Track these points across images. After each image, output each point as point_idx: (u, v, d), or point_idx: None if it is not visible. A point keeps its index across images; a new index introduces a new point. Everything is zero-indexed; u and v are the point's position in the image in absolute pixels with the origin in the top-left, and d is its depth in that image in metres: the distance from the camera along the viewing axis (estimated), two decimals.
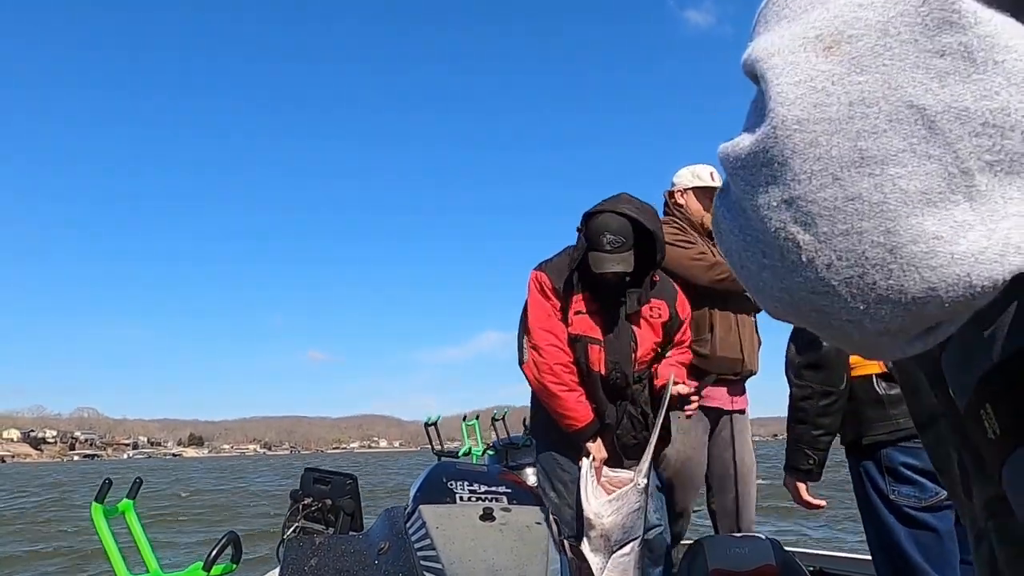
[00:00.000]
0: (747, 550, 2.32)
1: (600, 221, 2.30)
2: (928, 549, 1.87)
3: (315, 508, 2.59)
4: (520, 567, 2.11)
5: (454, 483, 2.46)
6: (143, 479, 2.62)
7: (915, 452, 1.89)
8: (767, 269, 0.42)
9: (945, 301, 0.38)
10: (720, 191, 0.45)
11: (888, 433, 1.91)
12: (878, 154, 0.37)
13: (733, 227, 0.43)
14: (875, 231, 0.38)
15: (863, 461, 1.97)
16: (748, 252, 0.43)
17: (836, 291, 0.39)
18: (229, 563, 2.26)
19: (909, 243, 0.37)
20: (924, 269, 0.37)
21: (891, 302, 0.38)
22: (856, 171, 0.38)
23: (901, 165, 0.37)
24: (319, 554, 2.26)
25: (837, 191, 0.38)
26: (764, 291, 0.43)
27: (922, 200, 0.37)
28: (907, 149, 0.37)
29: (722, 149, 0.43)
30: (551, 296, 2.42)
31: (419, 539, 2.24)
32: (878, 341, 0.41)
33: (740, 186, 0.42)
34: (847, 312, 0.40)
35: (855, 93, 0.38)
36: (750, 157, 0.41)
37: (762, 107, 0.40)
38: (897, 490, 1.90)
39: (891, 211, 0.37)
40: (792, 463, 2.00)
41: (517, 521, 2.25)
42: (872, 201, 0.37)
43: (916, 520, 1.89)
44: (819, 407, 1.92)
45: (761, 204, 0.40)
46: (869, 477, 1.95)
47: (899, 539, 1.89)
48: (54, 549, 10.80)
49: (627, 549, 1.77)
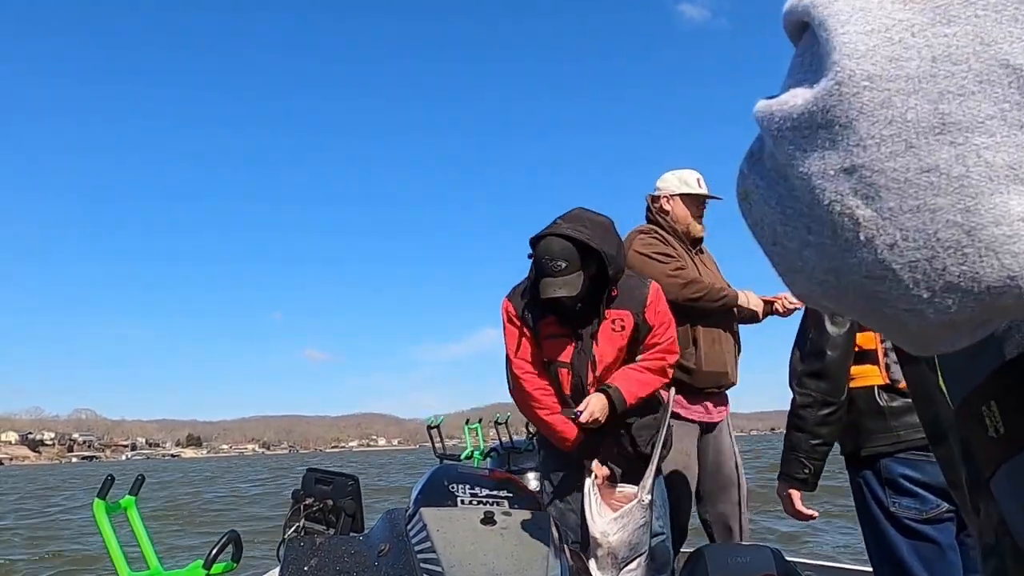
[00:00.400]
0: (748, 559, 2.31)
1: (542, 246, 2.26)
2: (930, 562, 1.85)
3: (316, 508, 2.59)
4: (520, 571, 2.11)
5: (455, 486, 2.46)
6: (144, 476, 2.62)
7: (915, 464, 1.87)
8: (811, 247, 0.36)
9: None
10: (751, 156, 0.40)
11: (888, 445, 1.89)
12: (963, 120, 0.32)
13: (769, 197, 0.38)
14: (952, 208, 0.33)
15: (862, 472, 1.95)
16: (788, 227, 0.37)
17: (897, 275, 0.34)
18: (230, 562, 2.26)
19: (991, 224, 0.32)
20: (1005, 255, 0.32)
21: (961, 290, 0.33)
22: (935, 138, 0.33)
23: (988, 134, 0.32)
24: (319, 554, 2.26)
25: (910, 160, 0.33)
26: (804, 272, 0.38)
27: (1009, 176, 0.32)
28: (997, 116, 0.32)
29: (764, 107, 0.37)
30: (519, 324, 2.43)
31: (419, 542, 2.24)
32: (938, 334, 0.36)
33: (787, 150, 0.36)
34: (907, 300, 0.35)
35: (939, 47, 0.33)
36: (805, 116, 0.35)
37: (820, 58, 0.35)
38: (897, 502, 1.88)
39: (972, 187, 0.32)
40: (787, 471, 1.99)
41: (518, 525, 2.25)
42: (951, 174, 0.33)
43: (917, 532, 1.86)
44: (818, 416, 1.90)
45: (814, 172, 0.35)
46: (869, 488, 1.93)
47: (900, 551, 1.87)
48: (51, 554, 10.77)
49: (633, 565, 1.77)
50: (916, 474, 1.87)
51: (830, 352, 1.88)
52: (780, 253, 0.38)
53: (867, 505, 1.94)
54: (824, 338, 1.89)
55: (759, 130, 0.38)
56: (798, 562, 3.27)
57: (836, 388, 1.90)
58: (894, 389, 1.91)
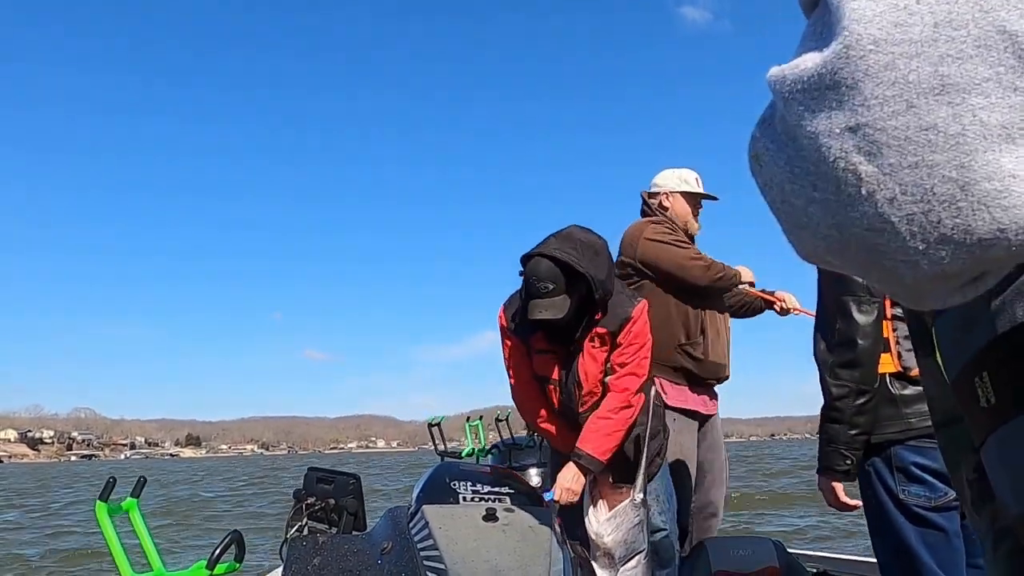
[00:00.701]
0: (750, 551, 2.32)
1: (531, 266, 2.25)
2: (937, 550, 1.86)
3: (318, 508, 2.60)
4: (523, 568, 2.11)
5: (457, 483, 2.47)
6: (146, 478, 2.62)
7: (926, 451, 1.88)
8: (816, 203, 0.39)
9: (1013, 244, 0.36)
10: (763, 122, 0.43)
11: (900, 432, 1.89)
12: (960, 82, 0.35)
13: (778, 158, 0.40)
14: (948, 165, 0.35)
15: (872, 459, 1.96)
16: (795, 185, 0.40)
17: (895, 228, 0.37)
18: (233, 562, 2.26)
19: (983, 180, 0.35)
20: (996, 209, 0.35)
21: (954, 242, 0.36)
22: (934, 99, 0.35)
23: (984, 95, 0.35)
24: (322, 553, 2.26)
25: (911, 119, 0.35)
26: (809, 228, 0.40)
27: (1002, 135, 0.35)
28: (992, 79, 0.35)
29: (776, 72, 0.40)
30: (512, 335, 2.45)
31: (422, 539, 2.24)
32: (930, 286, 0.39)
33: (796, 111, 0.39)
34: (904, 251, 0.37)
35: (941, 13, 0.35)
36: (814, 79, 0.37)
37: (830, 25, 0.37)
38: (907, 489, 1.89)
39: (968, 144, 0.35)
40: (828, 464, 1.97)
41: (520, 522, 2.25)
42: (948, 132, 0.35)
43: (926, 520, 1.87)
44: (855, 406, 1.88)
45: (821, 131, 0.38)
46: (879, 476, 1.94)
47: (908, 539, 1.88)
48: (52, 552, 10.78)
49: (633, 563, 1.79)
50: (927, 461, 1.87)
51: (861, 341, 1.88)
52: (787, 211, 0.41)
53: (875, 492, 1.94)
54: (853, 327, 1.88)
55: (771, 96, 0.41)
56: (799, 554, 3.28)
57: (870, 376, 1.89)
58: (906, 377, 1.91)
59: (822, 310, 2.00)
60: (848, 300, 1.88)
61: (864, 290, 1.87)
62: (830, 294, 1.94)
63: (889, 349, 1.93)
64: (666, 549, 2.39)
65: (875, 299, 1.87)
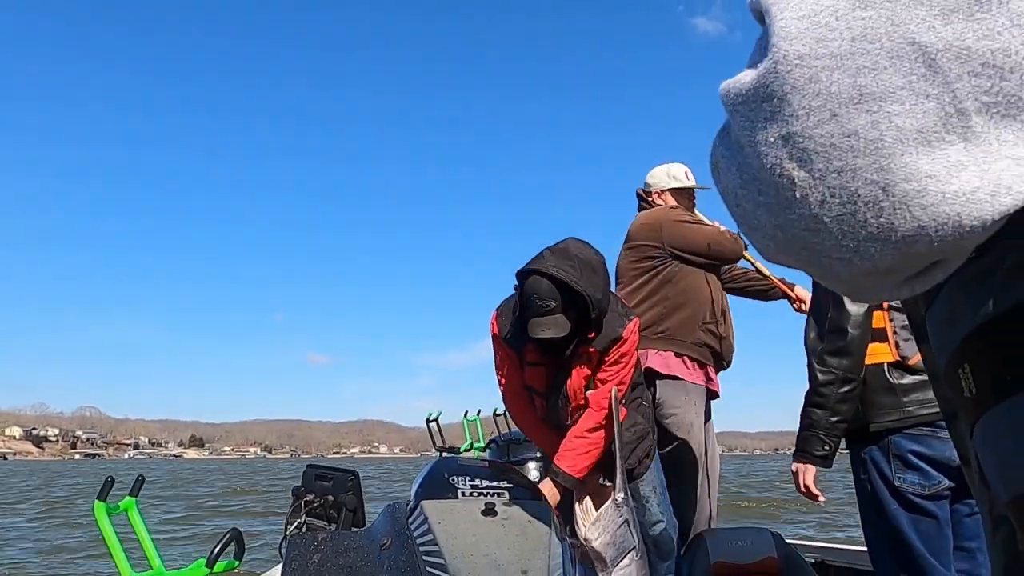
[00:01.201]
0: (749, 543, 2.32)
1: (531, 284, 2.21)
2: (928, 537, 1.89)
3: (317, 504, 2.60)
4: (522, 562, 2.11)
5: (456, 478, 2.47)
6: (144, 477, 2.62)
7: (921, 439, 1.91)
8: (762, 207, 0.42)
9: (934, 240, 0.38)
10: (721, 131, 0.46)
11: (898, 420, 1.92)
12: (877, 91, 0.37)
13: (731, 165, 0.44)
14: (869, 168, 0.38)
15: (868, 447, 1.98)
16: (745, 190, 0.43)
17: (828, 228, 0.40)
18: (232, 560, 2.26)
19: (902, 181, 0.37)
20: (915, 208, 0.38)
21: (880, 240, 0.39)
22: (854, 107, 0.38)
23: (899, 103, 0.37)
24: (322, 550, 2.27)
25: (834, 127, 0.38)
26: (759, 229, 0.43)
27: (917, 139, 0.37)
28: (906, 87, 0.37)
29: (724, 86, 0.43)
30: (504, 346, 2.44)
31: (421, 535, 2.24)
32: (865, 281, 0.42)
33: (740, 122, 0.42)
34: (837, 250, 0.40)
35: (858, 28, 0.38)
36: (751, 92, 0.41)
37: (765, 43, 0.40)
38: (902, 477, 1.91)
39: (886, 149, 0.38)
40: (806, 448, 2.01)
41: (519, 516, 2.25)
42: (868, 138, 0.38)
43: (919, 507, 1.90)
44: (839, 394, 1.93)
45: (759, 140, 0.41)
46: (875, 463, 1.96)
47: (902, 526, 1.91)
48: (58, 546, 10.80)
49: (626, 561, 1.80)
50: (923, 449, 1.90)
51: (851, 330, 1.91)
52: (741, 214, 0.45)
53: (871, 480, 1.97)
54: (844, 316, 1.92)
55: None
56: (798, 544, 3.29)
57: (856, 366, 1.93)
58: (903, 366, 1.94)
59: (815, 299, 2.02)
60: None
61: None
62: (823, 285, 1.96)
63: (887, 338, 1.95)
64: (665, 541, 2.38)
65: None
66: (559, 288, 2.17)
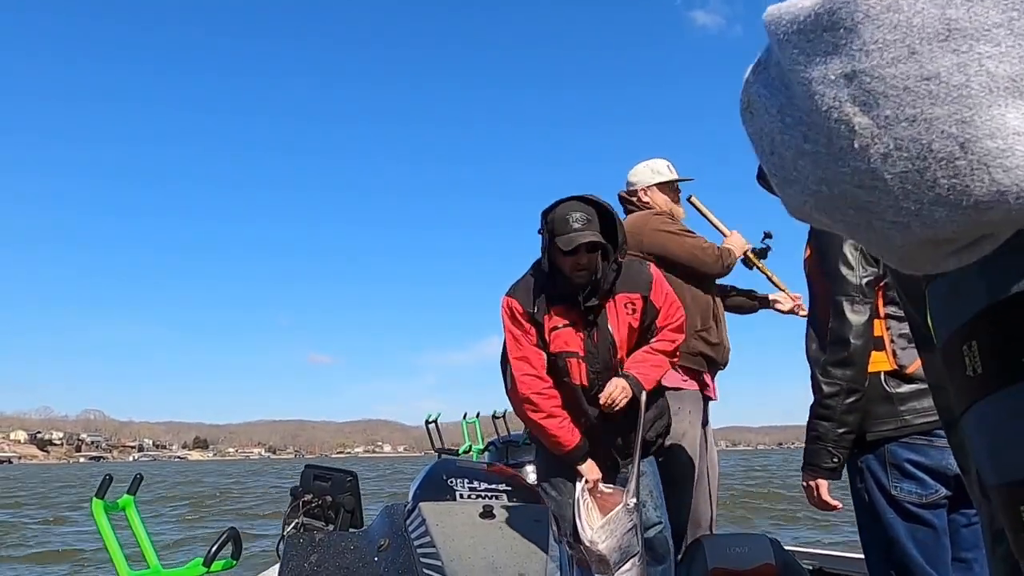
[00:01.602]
0: (747, 549, 2.32)
1: (562, 207, 2.31)
2: (926, 546, 1.88)
3: (315, 505, 2.60)
4: (520, 564, 2.11)
5: (454, 480, 2.47)
6: (143, 475, 2.63)
7: (918, 448, 1.90)
8: (807, 156, 0.36)
9: (1013, 208, 0.33)
10: (757, 66, 0.40)
11: (895, 429, 1.91)
12: (969, 27, 0.32)
13: (770, 106, 0.38)
14: (948, 119, 0.32)
15: (865, 456, 1.97)
16: (786, 135, 0.37)
17: (887, 186, 0.34)
18: (229, 559, 2.27)
19: (985, 137, 0.32)
20: (996, 169, 0.32)
21: (950, 204, 0.33)
22: (939, 45, 0.32)
23: (993, 43, 0.32)
24: (319, 551, 2.27)
25: (911, 67, 0.33)
26: (797, 182, 0.38)
27: (1009, 88, 0.32)
28: (1004, 24, 0.32)
29: (773, 10, 0.37)
30: (523, 321, 2.39)
31: (419, 536, 2.24)
32: (921, 250, 0.36)
33: (791, 54, 0.36)
34: (895, 212, 0.35)
35: None
36: (810, 19, 0.35)
37: None
38: (899, 486, 1.90)
39: (972, 98, 0.32)
40: (815, 461, 1.98)
41: (517, 518, 2.25)
42: (951, 83, 0.32)
43: (916, 516, 1.89)
44: (845, 405, 1.90)
45: (815, 77, 0.35)
46: (872, 472, 1.95)
47: (899, 535, 1.89)
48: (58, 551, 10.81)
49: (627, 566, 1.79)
50: (920, 458, 1.89)
51: (854, 340, 1.89)
52: (776, 163, 0.39)
53: (867, 489, 1.96)
54: (846, 326, 1.90)
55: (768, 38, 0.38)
56: (795, 551, 3.27)
57: (861, 376, 1.91)
58: (901, 375, 1.93)
59: (814, 309, 2.02)
60: (842, 300, 1.89)
61: (857, 290, 1.89)
62: (823, 294, 1.95)
63: (884, 347, 1.94)
64: (661, 544, 2.37)
65: (868, 299, 1.90)
66: (590, 205, 2.30)
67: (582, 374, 2.38)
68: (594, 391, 2.37)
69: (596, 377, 2.37)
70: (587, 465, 2.39)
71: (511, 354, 2.44)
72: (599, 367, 2.37)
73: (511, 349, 2.43)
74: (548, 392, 2.39)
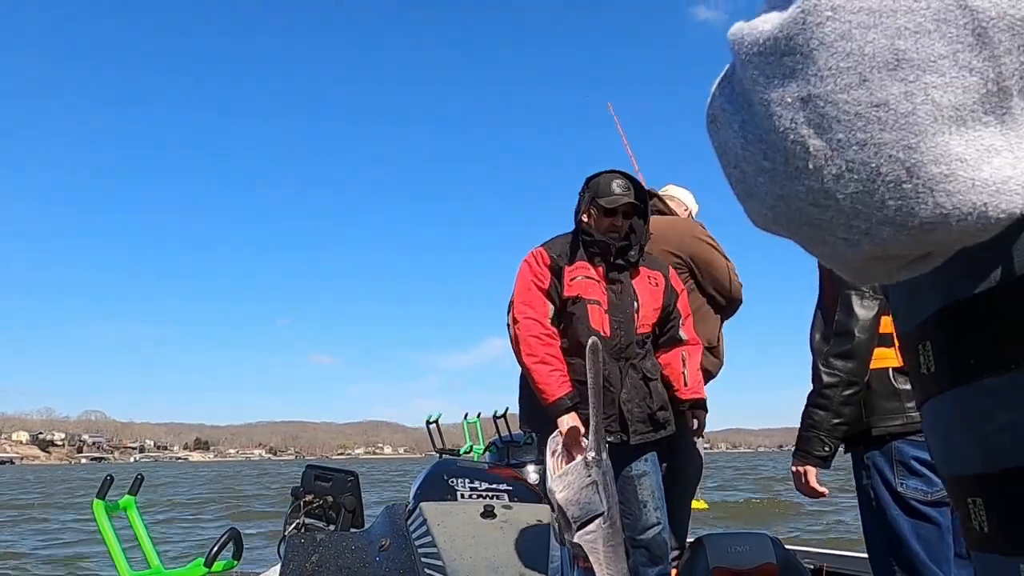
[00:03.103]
0: (748, 548, 2.31)
1: (608, 174, 2.55)
2: (929, 543, 1.88)
3: (316, 505, 2.60)
4: (520, 564, 2.11)
5: (455, 480, 2.47)
6: (143, 476, 2.63)
7: (924, 446, 1.90)
8: (765, 173, 0.38)
9: (954, 229, 0.35)
10: (723, 79, 0.41)
11: (901, 425, 1.92)
12: (916, 58, 0.33)
13: (733, 122, 0.39)
14: (896, 145, 0.34)
15: (871, 452, 1.97)
16: (747, 152, 0.39)
17: (839, 206, 0.36)
18: (230, 559, 2.27)
19: (930, 163, 0.34)
20: (940, 193, 0.34)
21: (896, 224, 0.35)
22: (888, 74, 0.34)
23: (939, 74, 0.33)
24: (320, 551, 2.27)
25: (863, 94, 0.34)
26: (756, 197, 0.39)
27: (952, 116, 0.34)
28: (949, 56, 0.33)
29: (736, 30, 0.38)
30: (542, 267, 2.45)
31: (420, 536, 2.24)
32: (871, 264, 0.38)
33: (751, 75, 0.37)
34: (846, 230, 0.37)
35: None
36: (770, 43, 0.36)
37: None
38: (905, 483, 1.91)
39: (918, 125, 0.34)
40: (807, 448, 2.00)
41: (518, 519, 2.26)
42: (899, 111, 0.34)
43: (921, 513, 1.89)
44: (843, 396, 1.92)
45: (773, 99, 0.36)
46: (877, 468, 1.95)
47: (903, 532, 1.90)
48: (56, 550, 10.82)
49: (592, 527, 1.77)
50: (926, 456, 1.89)
51: (858, 334, 1.91)
52: (738, 177, 0.40)
53: (873, 484, 1.96)
54: (853, 320, 1.92)
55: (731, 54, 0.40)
56: (797, 550, 3.27)
57: (862, 370, 1.93)
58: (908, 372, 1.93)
59: (822, 301, 2.02)
60: (851, 294, 1.91)
61: (868, 285, 1.89)
62: (832, 287, 1.96)
63: (894, 343, 1.94)
64: (658, 546, 2.36)
65: (877, 295, 1.90)
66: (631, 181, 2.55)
67: (604, 323, 2.41)
68: (613, 341, 2.39)
69: (618, 327, 2.42)
70: (568, 417, 2.28)
71: (517, 298, 2.45)
72: (621, 317, 2.43)
73: (518, 293, 2.45)
74: (547, 339, 2.38)
